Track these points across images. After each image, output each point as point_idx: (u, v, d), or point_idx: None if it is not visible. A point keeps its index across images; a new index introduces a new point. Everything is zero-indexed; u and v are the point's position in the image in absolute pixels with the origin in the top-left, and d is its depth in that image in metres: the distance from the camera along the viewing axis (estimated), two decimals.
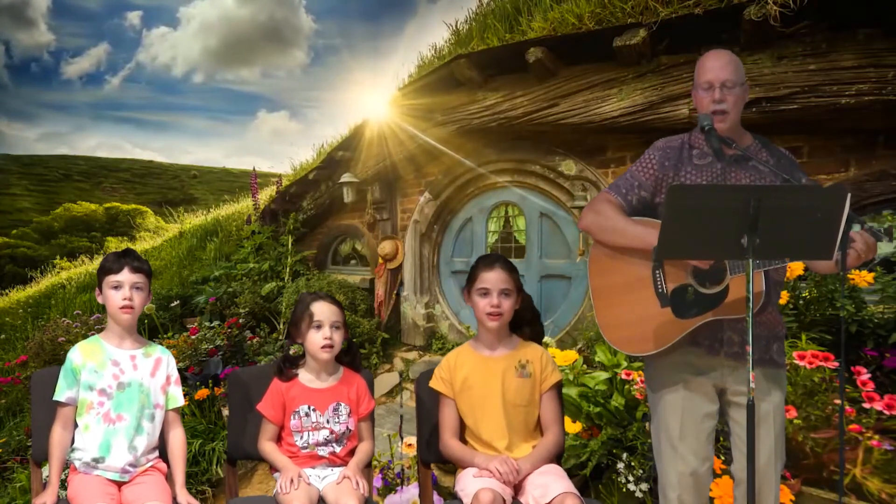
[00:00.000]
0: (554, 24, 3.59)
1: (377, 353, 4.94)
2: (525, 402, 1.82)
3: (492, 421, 1.80)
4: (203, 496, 3.14)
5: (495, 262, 1.84)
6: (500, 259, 1.86)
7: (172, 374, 1.91)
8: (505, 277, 1.81)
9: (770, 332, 1.67)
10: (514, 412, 1.81)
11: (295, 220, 5.96)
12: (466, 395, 1.84)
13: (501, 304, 1.79)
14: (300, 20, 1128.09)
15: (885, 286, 2.68)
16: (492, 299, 1.79)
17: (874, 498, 2.06)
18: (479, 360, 1.86)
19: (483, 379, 1.83)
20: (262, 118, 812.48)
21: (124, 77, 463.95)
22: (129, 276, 1.80)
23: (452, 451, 1.82)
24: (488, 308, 1.80)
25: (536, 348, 1.90)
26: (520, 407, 1.81)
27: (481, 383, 1.83)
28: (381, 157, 5.07)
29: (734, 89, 1.64)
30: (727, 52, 1.69)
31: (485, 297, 1.81)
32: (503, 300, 1.80)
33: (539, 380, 1.84)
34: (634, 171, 1.76)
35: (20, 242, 33.76)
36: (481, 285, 1.82)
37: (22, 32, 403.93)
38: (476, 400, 1.82)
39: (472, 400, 1.83)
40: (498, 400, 1.80)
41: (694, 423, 1.66)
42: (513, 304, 1.83)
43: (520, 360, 1.84)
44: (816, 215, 1.30)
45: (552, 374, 1.85)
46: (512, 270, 1.85)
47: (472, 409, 1.83)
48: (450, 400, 1.86)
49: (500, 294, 1.80)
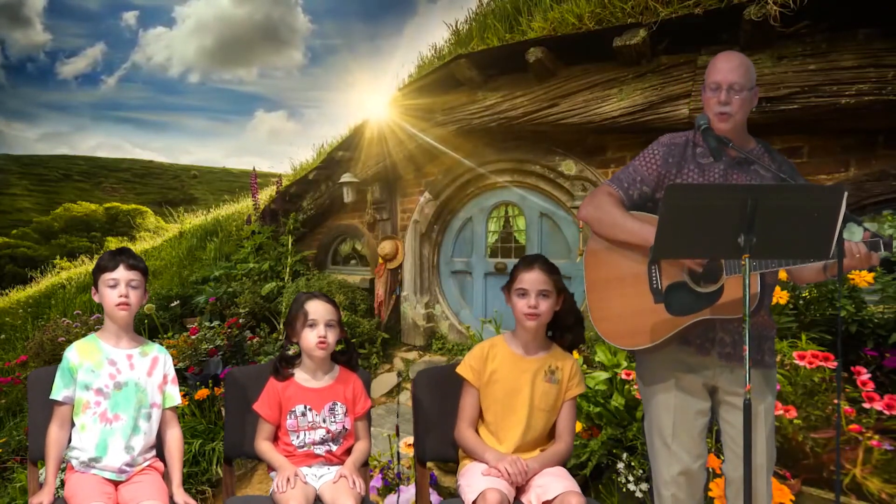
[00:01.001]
0: (554, 24, 3.59)
1: (377, 353, 4.94)
2: (549, 408, 1.82)
3: (515, 420, 1.80)
4: (203, 496, 3.13)
5: (534, 262, 1.83)
6: (539, 259, 1.85)
7: (169, 373, 1.91)
8: (544, 278, 1.80)
9: (760, 333, 1.67)
10: (538, 416, 1.81)
11: (295, 220, 5.96)
12: (491, 389, 1.84)
13: (539, 304, 1.78)
14: (299, 20, 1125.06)
15: (885, 286, 2.67)
16: (529, 300, 1.78)
17: (874, 498, 2.06)
18: (511, 358, 1.86)
19: (512, 377, 1.83)
20: (261, 118, 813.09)
21: (121, 77, 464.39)
22: (124, 273, 1.80)
23: (466, 440, 1.82)
24: (526, 309, 1.79)
25: (568, 357, 1.89)
26: (544, 412, 1.81)
27: (510, 381, 1.83)
28: (381, 157, 5.07)
29: (741, 93, 1.62)
30: (740, 55, 1.67)
31: (523, 297, 1.80)
32: (541, 301, 1.79)
33: (565, 387, 1.84)
34: (637, 165, 1.76)
35: (20, 242, 33.79)
36: (520, 286, 1.81)
37: (17, 32, 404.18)
38: (501, 396, 1.83)
39: (496, 395, 1.83)
40: (525, 401, 1.80)
41: (686, 421, 1.66)
42: (551, 305, 1.82)
43: (550, 365, 1.84)
44: (813, 215, 1.30)
45: (577, 385, 1.86)
46: (552, 271, 1.83)
47: (496, 404, 1.83)
48: (474, 389, 1.86)
49: (539, 295, 1.79)
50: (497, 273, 4.84)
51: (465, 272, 5.13)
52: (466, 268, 5.10)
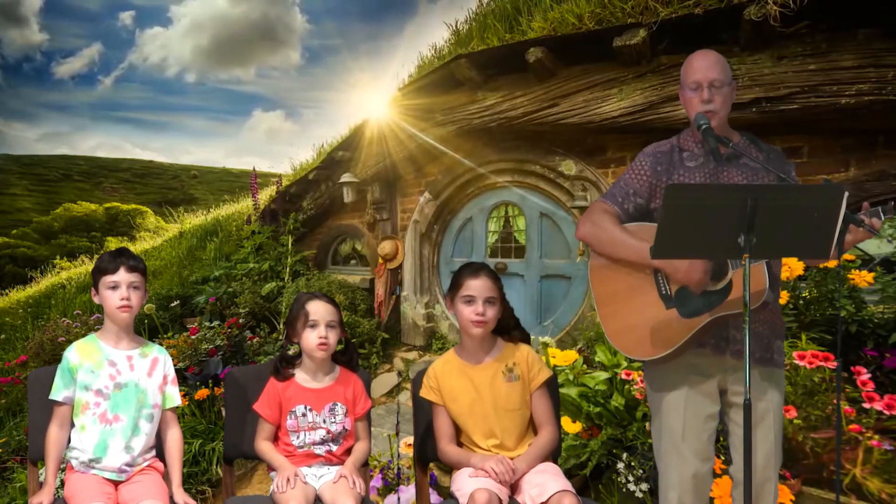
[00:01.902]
0: (554, 24, 3.59)
1: (377, 354, 4.94)
2: (517, 406, 1.81)
3: (486, 428, 1.80)
4: (203, 496, 3.13)
5: (480, 269, 1.84)
6: (484, 267, 1.86)
7: (169, 373, 1.91)
8: (490, 286, 1.81)
9: (772, 330, 1.66)
10: (508, 417, 1.80)
11: (295, 220, 5.96)
12: (455, 404, 1.83)
13: (486, 311, 1.79)
14: (297, 20, 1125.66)
15: (885, 286, 2.67)
16: (476, 307, 1.78)
17: (874, 498, 2.06)
18: (464, 370, 1.85)
19: (471, 388, 1.82)
20: (261, 118, 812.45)
21: (119, 77, 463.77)
22: (125, 275, 1.79)
23: (449, 456, 1.82)
24: (473, 316, 1.78)
25: (522, 349, 1.88)
26: (512, 411, 1.80)
27: (469, 393, 1.82)
28: (381, 157, 5.07)
29: (722, 89, 1.64)
30: (713, 51, 1.69)
31: (469, 304, 1.80)
32: (488, 308, 1.79)
33: (528, 380, 1.83)
34: (628, 178, 1.76)
35: (20, 242, 33.78)
36: (466, 293, 1.80)
37: (13, 31, 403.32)
38: (465, 409, 1.82)
39: (461, 409, 1.82)
40: (489, 408, 1.80)
41: (696, 424, 1.65)
42: (497, 312, 1.82)
43: (506, 364, 1.83)
44: (813, 214, 1.30)
45: (540, 372, 1.84)
46: (496, 279, 1.85)
47: (463, 417, 1.82)
48: (441, 408, 1.86)
49: (485, 302, 1.79)
50: (497, 273, 4.84)
51: None
52: None
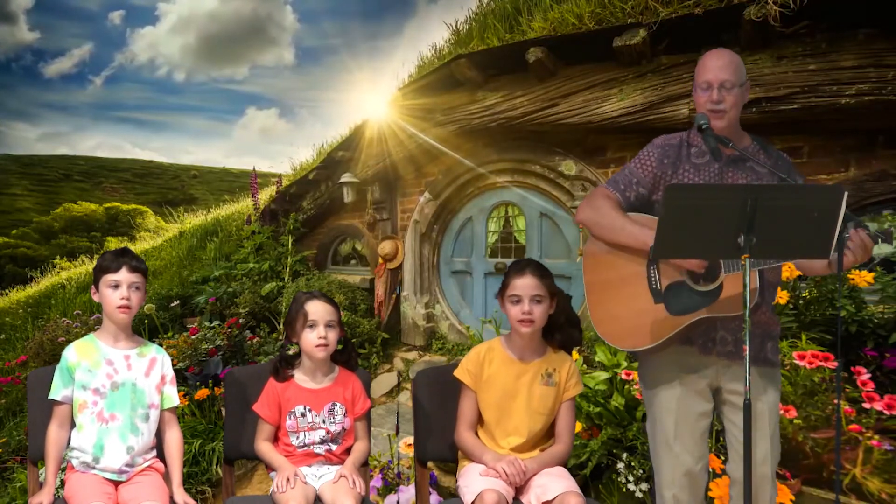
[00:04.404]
0: (554, 24, 3.59)
1: (377, 354, 4.94)
2: (547, 410, 1.81)
3: (512, 424, 1.80)
4: (203, 496, 3.13)
5: (525, 267, 1.81)
6: (531, 264, 1.82)
7: (168, 373, 1.90)
8: (536, 283, 1.78)
9: (764, 331, 1.67)
10: (535, 419, 1.80)
11: (295, 220, 5.96)
12: (488, 392, 1.83)
13: (533, 310, 1.76)
14: (294, 20, 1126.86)
15: (885, 286, 2.67)
16: (523, 306, 1.76)
17: (874, 498, 2.06)
18: (507, 362, 1.85)
19: (508, 381, 1.82)
20: (261, 118, 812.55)
21: (118, 77, 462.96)
22: (127, 275, 1.79)
23: (465, 442, 1.82)
24: (520, 315, 1.77)
25: (565, 358, 1.88)
26: (541, 414, 1.81)
27: (506, 385, 1.82)
28: (381, 157, 5.07)
29: (733, 90, 1.63)
30: (728, 51, 1.68)
31: (516, 304, 1.78)
32: (534, 307, 1.77)
33: (562, 388, 1.83)
34: (633, 167, 1.76)
35: (20, 242, 33.79)
36: (512, 292, 1.78)
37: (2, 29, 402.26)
38: (498, 400, 1.82)
39: (493, 398, 1.83)
40: (522, 405, 1.80)
41: (689, 423, 1.66)
42: (545, 309, 1.80)
43: (547, 368, 1.83)
44: (813, 215, 1.30)
45: (575, 385, 1.85)
46: (544, 275, 1.81)
47: (493, 407, 1.83)
48: (471, 392, 1.85)
49: (532, 300, 1.77)
50: (497, 273, 4.84)
51: (465, 272, 5.13)
52: (466, 268, 5.10)
